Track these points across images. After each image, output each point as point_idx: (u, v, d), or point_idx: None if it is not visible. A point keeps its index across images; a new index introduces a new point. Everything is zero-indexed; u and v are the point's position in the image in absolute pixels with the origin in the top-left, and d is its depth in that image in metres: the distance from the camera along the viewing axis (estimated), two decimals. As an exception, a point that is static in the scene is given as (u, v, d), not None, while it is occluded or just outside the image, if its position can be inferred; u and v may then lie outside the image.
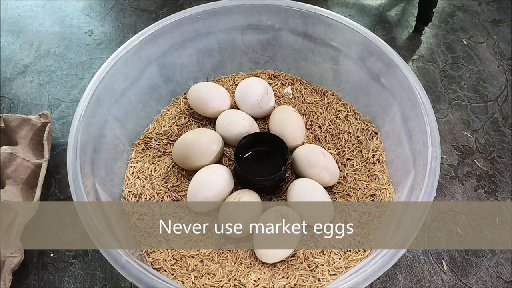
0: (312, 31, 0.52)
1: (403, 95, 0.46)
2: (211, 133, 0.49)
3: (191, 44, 0.53)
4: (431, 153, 0.40)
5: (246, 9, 0.51)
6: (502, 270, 0.46)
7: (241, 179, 0.47)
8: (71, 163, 0.39)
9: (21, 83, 0.60)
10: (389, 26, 0.68)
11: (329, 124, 0.52)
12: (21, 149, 0.50)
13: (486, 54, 0.65)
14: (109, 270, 0.45)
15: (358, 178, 0.48)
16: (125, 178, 0.48)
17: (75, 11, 0.69)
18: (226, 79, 0.57)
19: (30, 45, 0.65)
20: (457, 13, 0.70)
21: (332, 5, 0.71)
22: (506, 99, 0.60)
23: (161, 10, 0.69)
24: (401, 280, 0.45)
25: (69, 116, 0.57)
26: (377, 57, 0.48)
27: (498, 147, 0.55)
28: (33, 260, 0.45)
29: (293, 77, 0.57)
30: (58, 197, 0.50)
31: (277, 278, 0.41)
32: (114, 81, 0.46)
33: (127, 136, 0.50)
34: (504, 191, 0.51)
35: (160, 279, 0.33)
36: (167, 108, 0.54)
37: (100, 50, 0.64)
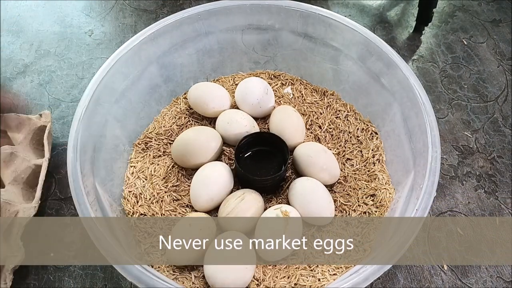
0: (312, 31, 0.52)
1: (403, 95, 0.46)
2: (209, 130, 0.49)
3: (191, 44, 0.53)
4: (431, 153, 0.40)
5: (246, 9, 0.51)
6: (502, 270, 0.46)
7: (241, 179, 0.47)
8: (71, 163, 0.39)
9: (21, 83, 0.60)
10: (389, 26, 0.68)
11: (329, 124, 0.52)
12: (22, 148, 0.50)
13: (486, 54, 0.65)
14: (109, 270, 0.45)
15: (358, 178, 0.48)
16: (125, 178, 0.48)
17: (75, 11, 0.69)
18: (226, 79, 0.57)
19: (30, 45, 0.65)
20: (457, 13, 0.70)
21: (332, 5, 0.71)
22: (506, 99, 0.60)
23: (161, 10, 0.69)
24: (401, 280, 0.45)
25: (69, 116, 0.57)
26: (377, 57, 0.48)
27: (498, 147, 0.55)
28: (33, 260, 0.45)
29: (293, 77, 0.57)
30: (58, 197, 0.50)
31: (278, 277, 0.41)
32: (114, 81, 0.46)
33: (127, 136, 0.50)
34: (504, 191, 0.51)
35: (160, 279, 0.33)
36: (167, 108, 0.54)
37: (100, 50, 0.64)
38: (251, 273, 0.40)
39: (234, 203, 0.43)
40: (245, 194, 0.44)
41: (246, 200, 0.43)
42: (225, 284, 0.38)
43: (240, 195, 0.44)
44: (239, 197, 0.44)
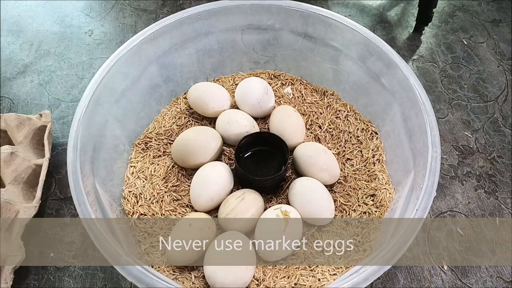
0: (312, 31, 0.52)
1: (403, 95, 0.46)
2: (209, 130, 0.49)
3: (191, 44, 0.53)
4: (431, 153, 0.40)
5: (246, 9, 0.51)
6: (502, 270, 0.46)
7: (241, 179, 0.47)
8: (71, 163, 0.39)
9: (21, 83, 0.60)
10: (389, 26, 0.68)
11: (329, 124, 0.52)
12: (22, 148, 0.50)
13: (486, 54, 0.65)
14: (109, 270, 0.45)
15: (358, 178, 0.48)
16: (125, 178, 0.48)
17: (75, 11, 0.69)
18: (226, 79, 0.57)
19: (30, 45, 0.65)
20: (457, 13, 0.70)
21: (332, 5, 0.71)
22: (506, 99, 0.60)
23: (161, 10, 0.69)
24: (401, 280, 0.45)
25: (69, 116, 0.57)
26: (377, 57, 0.48)
27: (498, 147, 0.55)
28: (33, 260, 0.45)
29: (293, 77, 0.57)
30: (58, 197, 0.50)
31: (278, 277, 0.41)
32: (114, 81, 0.46)
33: (127, 136, 0.50)
34: (504, 191, 0.51)
35: (160, 279, 0.33)
36: (167, 108, 0.54)
37: (100, 50, 0.64)
38: (251, 273, 0.40)
39: (234, 203, 0.43)
40: (245, 194, 0.44)
41: (246, 200, 0.43)
42: (225, 284, 0.38)
43: (240, 195, 0.44)
44: (239, 197, 0.44)
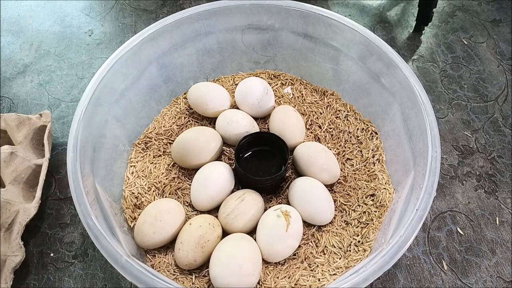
0: (312, 31, 0.52)
1: (403, 95, 0.46)
2: (209, 131, 0.49)
3: (191, 44, 0.53)
4: (431, 153, 0.40)
5: (246, 9, 0.51)
6: (502, 270, 0.46)
7: (241, 179, 0.47)
8: (71, 163, 0.39)
9: (21, 83, 0.60)
10: (389, 26, 0.68)
11: (329, 124, 0.52)
12: (22, 148, 0.50)
13: (486, 54, 0.65)
14: (109, 270, 0.45)
15: (358, 178, 0.48)
16: (125, 178, 0.48)
17: (75, 11, 0.69)
18: (226, 79, 0.57)
19: (30, 45, 0.65)
20: (457, 13, 0.70)
21: (332, 5, 0.71)
22: (506, 99, 0.60)
23: (161, 10, 0.69)
24: (401, 280, 0.45)
25: (69, 116, 0.57)
26: (377, 57, 0.48)
27: (498, 147, 0.55)
28: (33, 260, 0.45)
29: (293, 77, 0.57)
30: (58, 197, 0.50)
31: (279, 278, 0.41)
32: (114, 81, 0.46)
33: (127, 136, 0.50)
34: (504, 191, 0.51)
35: (160, 279, 0.33)
36: (167, 108, 0.54)
37: (100, 50, 0.64)
38: (257, 275, 0.39)
39: (234, 204, 0.43)
40: (245, 194, 0.44)
41: (246, 201, 0.43)
42: (230, 284, 0.38)
43: (240, 195, 0.44)
44: (239, 198, 0.44)
